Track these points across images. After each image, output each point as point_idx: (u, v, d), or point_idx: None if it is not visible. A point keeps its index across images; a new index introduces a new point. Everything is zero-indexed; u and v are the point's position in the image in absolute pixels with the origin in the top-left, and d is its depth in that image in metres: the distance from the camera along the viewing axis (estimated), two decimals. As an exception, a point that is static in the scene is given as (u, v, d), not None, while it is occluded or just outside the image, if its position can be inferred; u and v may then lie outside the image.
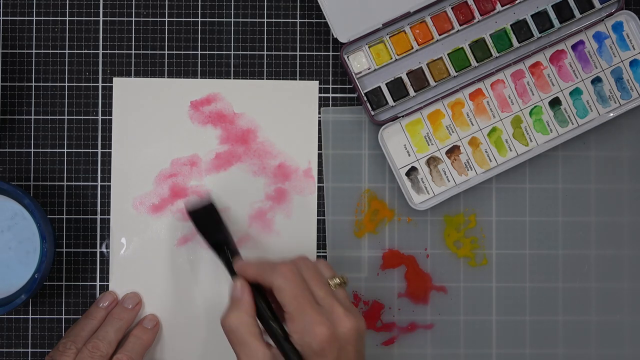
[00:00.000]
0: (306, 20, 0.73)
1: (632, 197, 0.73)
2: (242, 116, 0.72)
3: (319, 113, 0.72)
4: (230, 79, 0.72)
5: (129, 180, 0.71)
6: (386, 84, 0.71)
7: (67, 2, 0.72)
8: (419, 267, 0.72)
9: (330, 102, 0.72)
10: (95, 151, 0.72)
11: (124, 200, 0.71)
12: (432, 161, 0.71)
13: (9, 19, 0.72)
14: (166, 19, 0.72)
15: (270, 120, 0.72)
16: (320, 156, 0.72)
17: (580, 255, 0.73)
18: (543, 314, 0.73)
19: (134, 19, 0.72)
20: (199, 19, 0.72)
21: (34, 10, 0.72)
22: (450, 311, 0.72)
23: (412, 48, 0.71)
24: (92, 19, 0.72)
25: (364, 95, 0.71)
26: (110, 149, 0.72)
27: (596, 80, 0.72)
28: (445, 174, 0.71)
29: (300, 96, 0.72)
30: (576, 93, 0.72)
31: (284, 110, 0.72)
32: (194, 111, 0.72)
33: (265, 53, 0.72)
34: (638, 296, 0.73)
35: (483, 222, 0.73)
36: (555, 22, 0.72)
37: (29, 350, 0.71)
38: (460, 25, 0.71)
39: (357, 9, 0.70)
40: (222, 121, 0.72)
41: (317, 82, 0.72)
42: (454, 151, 0.72)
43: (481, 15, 0.71)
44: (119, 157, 0.72)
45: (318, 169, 0.72)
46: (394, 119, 0.71)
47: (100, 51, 0.72)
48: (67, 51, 0.72)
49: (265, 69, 0.72)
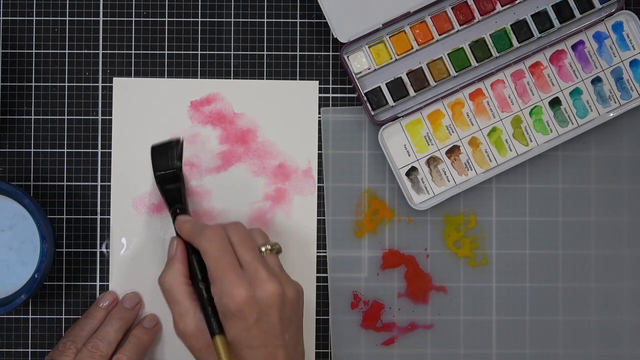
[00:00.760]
0: (306, 20, 0.73)
1: (632, 197, 0.73)
2: (242, 116, 0.72)
3: (319, 113, 0.72)
4: (230, 79, 0.72)
5: (129, 180, 0.71)
6: (386, 84, 0.71)
7: (67, 2, 0.72)
8: (419, 267, 0.72)
9: (330, 102, 0.72)
10: (95, 151, 0.72)
11: (124, 200, 0.71)
12: (432, 161, 0.71)
13: (9, 19, 0.72)
14: (166, 19, 0.72)
15: (270, 120, 0.72)
16: (320, 156, 0.72)
17: (580, 255, 0.73)
18: (543, 314, 0.73)
19: (134, 19, 0.72)
20: (199, 19, 0.72)
21: (34, 10, 0.72)
22: (450, 311, 0.72)
23: (412, 48, 0.71)
24: (92, 19, 0.72)
25: (364, 95, 0.71)
26: (110, 149, 0.72)
27: (596, 80, 0.72)
28: (445, 174, 0.71)
29: (300, 96, 0.72)
30: (576, 93, 0.72)
31: (284, 110, 0.72)
32: (194, 111, 0.72)
33: (265, 53, 0.72)
34: (638, 296, 0.73)
35: (483, 222, 0.73)
36: (555, 22, 0.72)
37: (29, 350, 0.71)
38: (460, 25, 0.71)
39: (357, 9, 0.70)
40: (222, 121, 0.72)
41: (317, 82, 0.72)
42: (454, 151, 0.72)
43: (481, 15, 0.71)
44: (119, 157, 0.72)
45: (318, 169, 0.72)
46: (394, 119, 0.71)
47: (100, 51, 0.72)
48: (67, 51, 0.72)
49: (265, 69, 0.72)
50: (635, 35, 0.72)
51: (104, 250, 0.71)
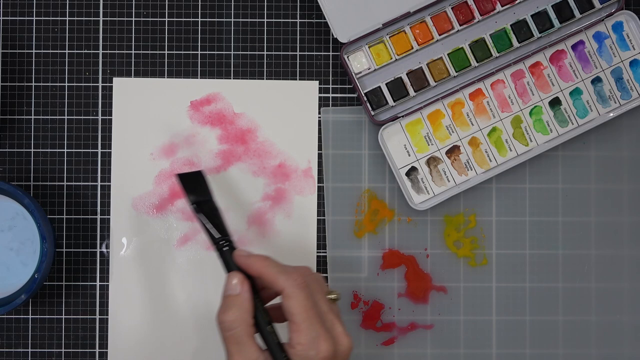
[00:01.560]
0: (306, 20, 0.73)
1: (632, 197, 0.73)
2: (242, 116, 0.72)
3: (319, 113, 0.72)
4: (230, 79, 0.72)
5: (129, 180, 0.71)
6: (386, 84, 0.71)
7: (67, 2, 0.72)
8: (419, 267, 0.72)
9: (330, 102, 0.72)
10: (95, 151, 0.72)
11: (124, 200, 0.71)
12: (432, 161, 0.71)
13: (9, 19, 0.72)
14: (166, 19, 0.72)
15: (270, 120, 0.72)
16: (320, 156, 0.72)
17: (580, 255, 0.73)
18: (543, 314, 0.73)
19: (134, 19, 0.72)
20: (199, 19, 0.72)
21: (34, 10, 0.72)
22: (450, 311, 0.72)
23: (412, 48, 0.71)
24: (92, 19, 0.72)
25: (364, 95, 0.71)
26: (110, 149, 0.72)
27: (596, 80, 0.72)
28: (445, 174, 0.71)
29: (300, 96, 0.72)
30: (576, 93, 0.72)
31: (284, 110, 0.72)
32: (194, 111, 0.72)
33: (265, 53, 0.72)
34: (638, 296, 0.73)
35: (483, 222, 0.73)
36: (555, 22, 0.72)
37: (29, 350, 0.71)
38: (460, 25, 0.71)
39: (357, 9, 0.70)
40: (222, 121, 0.72)
41: (317, 82, 0.72)
42: (454, 151, 0.72)
43: (481, 15, 0.71)
44: (119, 157, 0.72)
45: (318, 169, 0.72)
46: (394, 119, 0.71)
47: (100, 51, 0.72)
48: (67, 51, 0.72)
49: (265, 69, 0.72)
50: (635, 35, 0.72)
51: (104, 250, 0.71)
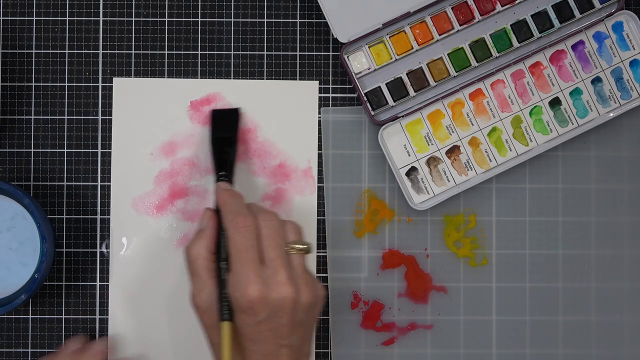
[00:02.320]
0: (306, 20, 0.73)
1: (632, 197, 0.73)
2: (242, 116, 0.72)
3: (319, 113, 0.72)
4: (230, 79, 0.72)
5: (129, 180, 0.71)
6: (386, 84, 0.71)
7: (67, 2, 0.72)
8: (419, 267, 0.72)
9: (330, 102, 0.72)
10: (95, 151, 0.72)
11: (124, 200, 0.71)
12: (432, 161, 0.71)
13: (9, 19, 0.72)
14: (166, 19, 0.72)
15: (270, 120, 0.72)
16: (320, 156, 0.72)
17: (580, 255, 0.73)
18: (543, 314, 0.72)
19: (134, 19, 0.72)
20: (199, 19, 0.72)
21: (34, 10, 0.72)
22: (450, 311, 0.72)
23: (412, 48, 0.71)
24: (92, 19, 0.72)
25: (364, 95, 0.71)
26: (110, 149, 0.72)
27: (596, 80, 0.72)
28: (445, 174, 0.71)
29: (300, 96, 0.72)
30: (576, 93, 0.72)
31: (284, 110, 0.72)
32: (194, 111, 0.72)
33: (265, 53, 0.72)
34: (638, 296, 0.73)
35: (483, 222, 0.73)
36: (555, 22, 0.72)
37: (29, 350, 0.71)
38: (460, 25, 0.71)
39: (357, 9, 0.70)
40: (222, 121, 0.72)
41: (317, 82, 0.72)
42: (454, 151, 0.71)
43: (481, 15, 0.71)
44: (119, 157, 0.72)
45: (318, 169, 0.72)
46: (394, 119, 0.71)
47: (100, 51, 0.72)
48: (67, 51, 0.72)
49: (265, 69, 0.72)
50: (635, 35, 0.72)
51: (104, 250, 0.71)
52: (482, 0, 0.71)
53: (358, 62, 0.71)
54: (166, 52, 0.72)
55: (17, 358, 0.71)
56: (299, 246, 0.61)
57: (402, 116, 0.71)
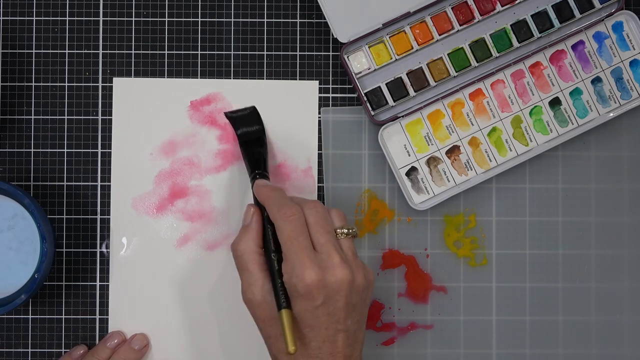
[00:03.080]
0: (306, 20, 0.73)
1: (632, 197, 0.73)
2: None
3: (319, 113, 0.72)
4: (230, 79, 0.72)
5: (129, 180, 0.71)
6: (386, 84, 0.71)
7: (67, 2, 0.72)
8: (419, 267, 0.72)
9: (330, 102, 0.72)
10: (95, 151, 0.72)
11: (124, 200, 0.71)
12: (432, 161, 0.71)
13: (9, 19, 0.72)
14: (166, 19, 0.72)
15: (270, 120, 0.72)
16: (320, 156, 0.72)
17: (580, 255, 0.73)
18: (543, 314, 0.73)
19: (134, 19, 0.72)
20: (199, 19, 0.72)
21: (34, 10, 0.72)
22: (450, 311, 0.72)
23: (412, 48, 0.71)
24: (92, 19, 0.72)
25: (364, 95, 0.71)
26: (110, 149, 0.72)
27: (596, 80, 0.72)
28: (445, 174, 0.71)
29: (300, 96, 0.72)
30: (576, 93, 0.72)
31: (284, 110, 0.72)
32: (194, 111, 0.72)
33: (265, 53, 0.72)
34: (638, 296, 0.73)
35: (483, 222, 0.73)
36: (555, 22, 0.72)
37: (29, 350, 0.71)
38: (460, 25, 0.71)
39: (357, 9, 0.70)
40: (222, 121, 0.72)
41: (317, 82, 0.72)
42: (454, 151, 0.72)
43: (481, 15, 0.71)
44: (119, 157, 0.72)
45: (318, 169, 0.72)
46: (394, 119, 0.71)
47: (100, 51, 0.72)
48: (67, 51, 0.72)
49: (265, 69, 0.72)
50: (635, 35, 0.72)
51: (104, 250, 0.71)
52: (482, 0, 0.71)
53: (358, 62, 0.71)
54: (166, 52, 0.72)
55: (17, 358, 0.71)
56: (346, 230, 0.62)
57: (402, 116, 0.71)
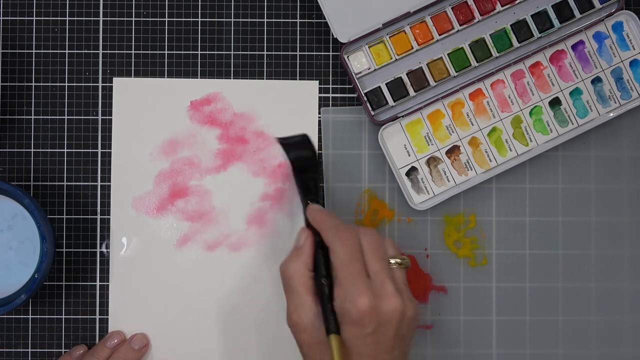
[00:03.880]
0: (306, 20, 0.73)
1: (632, 197, 0.73)
2: (242, 116, 0.72)
3: (319, 113, 0.72)
4: (230, 79, 0.72)
5: (129, 180, 0.71)
6: (386, 84, 0.71)
7: (67, 2, 0.72)
8: (419, 267, 0.72)
9: (330, 102, 0.72)
10: (95, 151, 0.72)
11: (124, 200, 0.71)
12: (432, 161, 0.71)
13: (9, 19, 0.72)
14: (166, 19, 0.72)
15: (270, 120, 0.72)
16: (320, 156, 0.72)
17: (580, 255, 0.73)
18: (543, 314, 0.73)
19: (134, 19, 0.72)
20: (199, 19, 0.72)
21: (34, 10, 0.72)
22: (450, 311, 0.72)
23: (412, 48, 0.71)
24: (92, 19, 0.72)
25: (364, 95, 0.71)
26: (110, 149, 0.72)
27: (596, 80, 0.72)
28: (445, 174, 0.71)
29: (300, 96, 0.72)
30: (576, 93, 0.72)
31: (284, 110, 0.72)
32: (194, 111, 0.72)
33: (265, 53, 0.72)
34: (638, 296, 0.73)
35: (483, 222, 0.73)
36: (555, 22, 0.72)
37: (29, 350, 0.71)
38: (460, 25, 0.71)
39: (357, 9, 0.70)
40: (222, 121, 0.72)
41: (317, 82, 0.72)
42: (454, 151, 0.72)
43: (481, 15, 0.71)
44: (119, 157, 0.72)
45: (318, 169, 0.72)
46: (394, 119, 0.71)
47: (100, 51, 0.72)
48: (67, 51, 0.72)
49: (265, 69, 0.72)
50: (635, 35, 0.72)
51: (104, 250, 0.71)
52: (482, 0, 0.71)
53: (358, 62, 0.71)
54: (166, 52, 0.72)
55: (17, 358, 0.71)
56: (399, 260, 0.61)
57: (402, 116, 0.71)
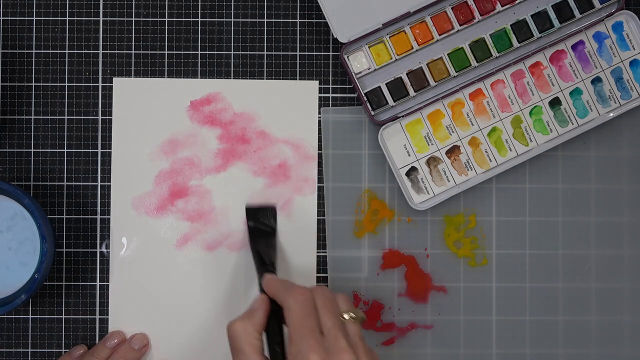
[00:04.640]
0: (306, 20, 0.73)
1: (632, 197, 0.73)
2: (242, 116, 0.72)
3: (319, 113, 0.72)
4: (230, 79, 0.72)
5: (129, 180, 0.71)
6: (386, 84, 0.71)
7: (67, 2, 0.72)
8: (419, 267, 0.72)
9: (330, 102, 0.72)
10: (95, 151, 0.72)
11: (124, 200, 0.71)
12: (432, 161, 0.71)
13: (9, 19, 0.72)
14: (166, 19, 0.72)
15: (271, 120, 0.72)
16: (320, 156, 0.72)
17: (580, 255, 0.73)
18: (543, 314, 0.73)
19: (134, 19, 0.72)
20: (199, 19, 0.72)
21: (34, 10, 0.72)
22: (450, 311, 0.72)
23: (412, 48, 0.71)
24: (92, 19, 0.72)
25: (364, 95, 0.71)
26: (110, 149, 0.72)
27: (596, 80, 0.72)
28: (445, 174, 0.71)
29: (300, 96, 0.72)
30: (576, 93, 0.72)
31: (284, 110, 0.72)
32: (194, 111, 0.72)
33: (265, 53, 0.72)
34: (638, 296, 0.73)
35: (483, 222, 0.73)
36: (555, 22, 0.72)
37: (29, 350, 0.71)
38: (460, 25, 0.71)
39: (357, 9, 0.70)
40: (222, 121, 0.72)
41: (317, 82, 0.72)
42: (454, 151, 0.72)
43: (481, 15, 0.71)
44: (119, 157, 0.72)
45: (318, 169, 0.72)
46: (394, 119, 0.71)
47: (100, 51, 0.72)
48: (67, 51, 0.72)
49: (265, 69, 0.72)
50: (635, 35, 0.72)
51: (104, 250, 0.71)
52: (482, 0, 0.71)
53: (358, 62, 0.71)
54: (166, 52, 0.72)
55: (17, 358, 0.71)
56: (353, 315, 0.61)
57: (402, 116, 0.71)
